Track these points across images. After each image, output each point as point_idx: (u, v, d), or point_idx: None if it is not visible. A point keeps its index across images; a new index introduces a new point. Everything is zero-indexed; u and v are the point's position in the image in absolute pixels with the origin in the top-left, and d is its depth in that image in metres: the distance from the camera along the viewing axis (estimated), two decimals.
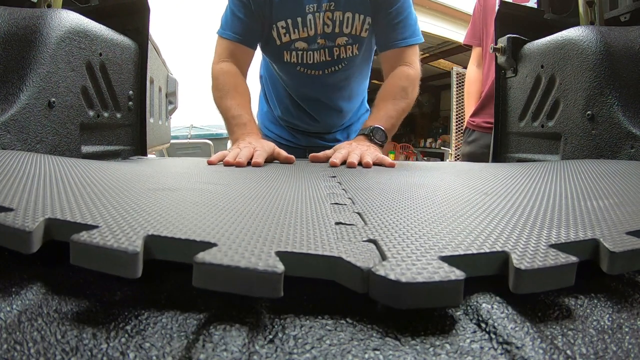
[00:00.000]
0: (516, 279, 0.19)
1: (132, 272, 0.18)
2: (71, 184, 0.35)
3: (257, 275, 0.18)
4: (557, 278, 0.19)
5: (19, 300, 0.20)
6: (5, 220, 0.21)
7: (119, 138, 0.90)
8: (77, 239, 0.19)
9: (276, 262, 0.18)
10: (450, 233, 0.24)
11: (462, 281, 0.18)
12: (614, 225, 0.26)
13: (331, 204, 0.34)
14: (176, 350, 0.16)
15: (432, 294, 0.17)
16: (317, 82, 0.99)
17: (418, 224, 0.27)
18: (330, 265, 0.20)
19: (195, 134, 3.82)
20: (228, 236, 0.22)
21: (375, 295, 0.18)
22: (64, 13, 0.69)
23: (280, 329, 0.18)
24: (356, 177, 0.55)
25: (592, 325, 0.19)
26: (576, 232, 0.24)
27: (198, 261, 0.18)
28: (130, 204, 0.28)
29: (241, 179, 0.50)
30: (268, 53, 0.99)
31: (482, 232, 0.24)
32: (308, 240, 0.22)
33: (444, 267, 0.19)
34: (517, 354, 0.16)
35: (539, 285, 0.19)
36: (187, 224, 0.23)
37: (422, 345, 0.17)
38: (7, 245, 0.21)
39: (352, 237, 0.23)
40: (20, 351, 0.16)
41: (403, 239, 0.23)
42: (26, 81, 0.59)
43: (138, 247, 0.19)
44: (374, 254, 0.21)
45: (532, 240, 0.23)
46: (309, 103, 1.05)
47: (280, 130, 1.14)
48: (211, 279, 0.18)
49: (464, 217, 0.29)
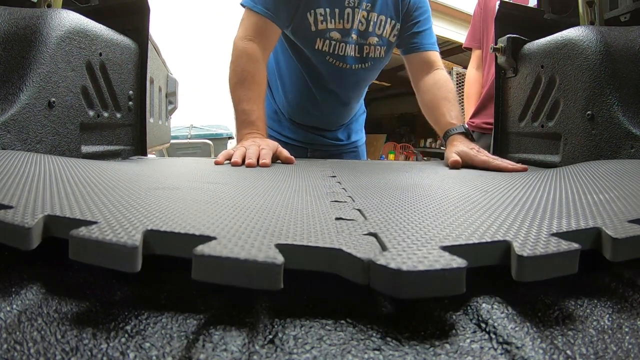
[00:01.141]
0: (519, 267, 0.19)
1: (131, 266, 0.18)
2: (70, 183, 0.35)
3: (256, 267, 0.17)
4: (560, 265, 0.19)
5: (19, 300, 0.20)
6: (4, 217, 0.21)
7: (119, 138, 0.90)
8: (76, 233, 0.19)
9: (276, 253, 0.18)
10: (451, 225, 0.24)
11: (464, 269, 0.18)
12: (615, 215, 0.26)
13: (331, 202, 0.34)
14: (176, 350, 0.16)
15: (434, 283, 0.17)
16: (341, 75, 1.00)
17: (419, 218, 0.27)
18: (331, 257, 0.20)
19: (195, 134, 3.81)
20: (228, 230, 0.22)
21: (376, 286, 0.18)
22: (64, 13, 0.69)
23: (280, 329, 0.18)
24: (356, 177, 0.55)
25: (592, 325, 0.19)
26: (577, 221, 0.24)
27: (197, 254, 0.18)
28: (130, 202, 0.28)
29: (241, 179, 0.50)
30: (300, 38, 0.97)
31: (482, 224, 0.24)
32: (308, 233, 0.22)
33: (444, 255, 0.19)
34: (517, 354, 0.16)
35: (542, 273, 0.19)
36: (187, 220, 0.23)
37: (422, 345, 0.17)
38: (7, 241, 0.21)
39: (352, 230, 0.23)
40: (20, 351, 0.16)
41: (404, 231, 0.23)
42: (26, 81, 0.59)
43: (137, 241, 0.19)
44: (375, 246, 0.21)
45: (533, 230, 0.23)
46: (324, 95, 1.04)
47: (281, 127, 1.13)
48: (210, 272, 0.18)
49: (465, 211, 0.29)
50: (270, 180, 0.49)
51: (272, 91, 1.13)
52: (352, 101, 1.08)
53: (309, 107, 1.07)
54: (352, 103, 1.09)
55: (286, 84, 1.08)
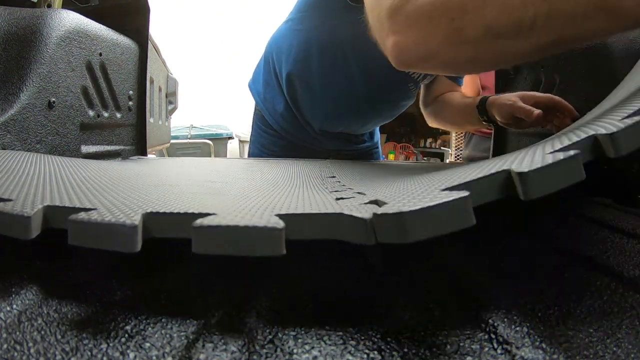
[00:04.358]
0: (523, 184, 0.18)
1: (131, 246, 0.18)
2: (70, 181, 0.35)
3: (257, 232, 0.17)
4: (565, 174, 0.19)
5: (19, 300, 0.20)
6: (4, 208, 0.21)
7: (119, 138, 0.90)
8: (75, 217, 0.19)
9: (277, 220, 0.18)
10: (451, 175, 0.24)
11: (469, 198, 0.17)
12: (606, 123, 0.25)
13: (331, 192, 0.33)
14: (176, 350, 0.16)
15: (441, 218, 0.17)
16: (397, 91, 0.94)
17: (420, 182, 0.26)
18: (332, 222, 0.19)
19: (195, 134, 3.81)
20: (227, 208, 0.21)
21: (383, 237, 0.17)
22: (64, 13, 0.69)
23: (280, 329, 0.18)
24: (356, 177, 0.55)
25: (592, 325, 0.19)
26: (569, 140, 0.23)
27: (196, 226, 0.18)
28: (130, 196, 0.28)
29: (241, 178, 0.50)
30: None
31: (484, 170, 0.24)
32: (310, 205, 0.22)
33: (444, 193, 0.18)
34: (517, 354, 0.16)
35: (548, 185, 0.18)
36: (186, 204, 0.23)
37: (422, 345, 0.17)
38: (6, 232, 0.20)
39: (353, 202, 0.23)
40: (20, 351, 0.16)
41: (404, 194, 0.23)
42: (26, 81, 0.59)
43: (136, 221, 0.18)
44: (376, 208, 0.20)
45: (527, 158, 0.22)
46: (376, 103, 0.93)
47: (304, 134, 1.01)
48: (211, 242, 0.17)
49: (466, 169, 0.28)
50: (270, 180, 0.49)
51: (301, 106, 0.96)
52: (378, 123, 1.05)
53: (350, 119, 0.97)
54: (374, 124, 1.06)
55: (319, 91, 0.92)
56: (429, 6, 0.40)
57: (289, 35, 0.93)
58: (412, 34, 0.42)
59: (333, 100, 0.91)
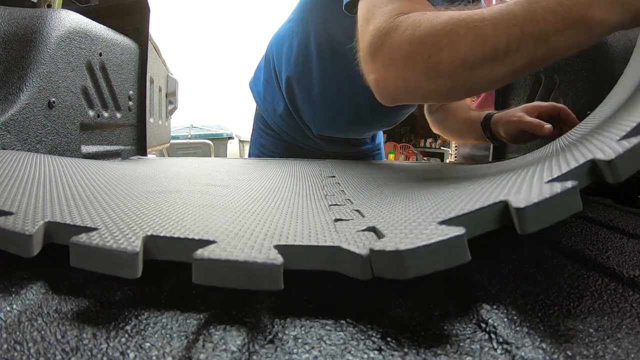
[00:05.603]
0: (520, 220, 0.19)
1: (132, 272, 0.18)
2: (71, 187, 0.35)
3: (256, 268, 0.18)
4: (562, 207, 0.19)
5: (19, 300, 0.20)
6: (5, 225, 0.21)
7: (119, 138, 0.90)
8: (77, 240, 0.19)
9: (275, 254, 0.18)
10: (448, 200, 0.24)
11: (464, 236, 0.18)
12: (604, 143, 0.24)
13: (330, 205, 0.34)
14: (176, 350, 0.16)
15: (437, 256, 0.17)
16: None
17: (417, 207, 0.27)
18: (330, 255, 0.20)
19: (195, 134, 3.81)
20: (227, 234, 0.22)
21: (380, 272, 0.18)
22: (64, 13, 0.69)
23: (280, 329, 0.18)
24: (355, 180, 0.55)
25: (592, 325, 0.19)
26: (567, 164, 0.23)
27: (197, 257, 0.18)
28: (130, 207, 0.28)
29: (241, 180, 0.50)
30: None
31: (478, 192, 0.24)
32: (308, 234, 0.22)
33: (441, 228, 0.19)
34: (517, 354, 0.16)
35: (545, 219, 0.19)
36: (186, 225, 0.23)
37: (422, 345, 0.17)
38: (8, 249, 0.21)
39: (351, 228, 0.23)
40: (20, 351, 0.16)
41: (401, 218, 0.23)
42: (26, 81, 0.59)
43: (137, 247, 0.19)
44: (374, 239, 0.21)
45: (524, 186, 0.22)
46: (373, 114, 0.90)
47: (305, 138, 1.00)
48: (211, 275, 0.18)
49: (462, 185, 0.28)
50: (270, 183, 0.49)
51: (299, 109, 0.94)
52: (380, 127, 1.04)
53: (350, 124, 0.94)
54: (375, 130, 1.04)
55: (319, 95, 0.90)
56: (405, 45, 0.41)
57: (289, 36, 0.92)
58: (390, 72, 0.43)
59: (333, 106, 0.89)
